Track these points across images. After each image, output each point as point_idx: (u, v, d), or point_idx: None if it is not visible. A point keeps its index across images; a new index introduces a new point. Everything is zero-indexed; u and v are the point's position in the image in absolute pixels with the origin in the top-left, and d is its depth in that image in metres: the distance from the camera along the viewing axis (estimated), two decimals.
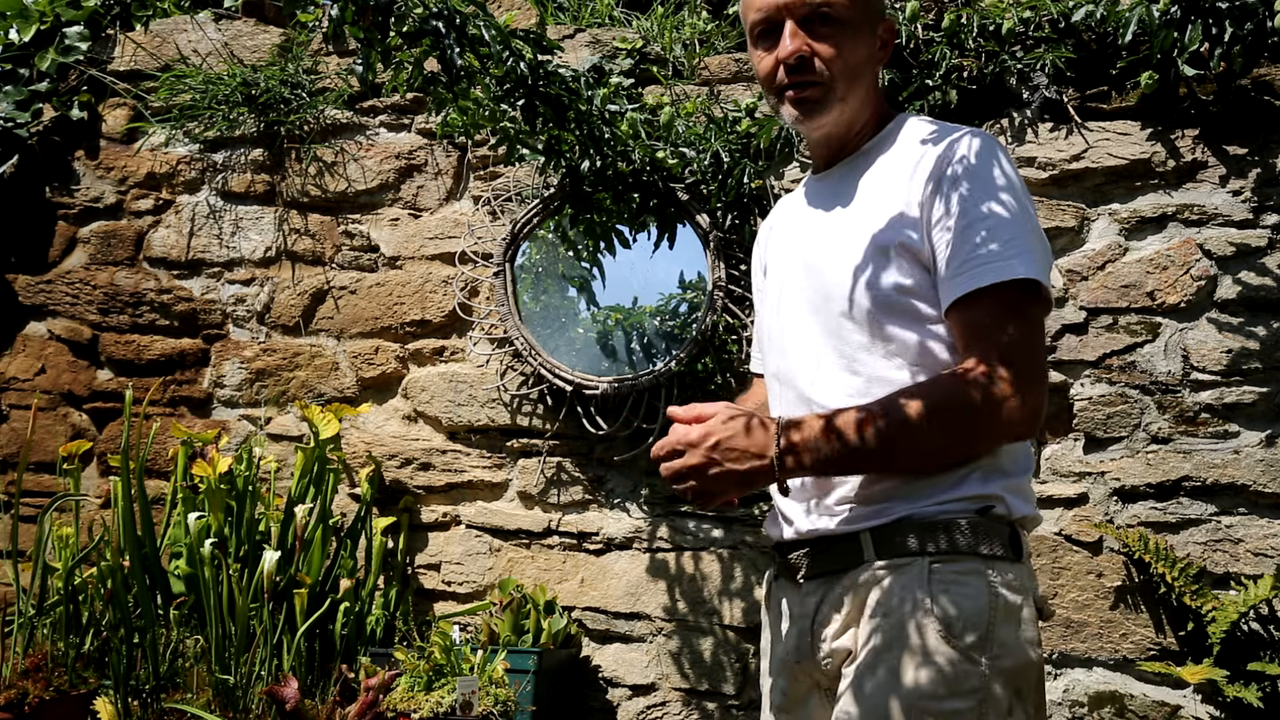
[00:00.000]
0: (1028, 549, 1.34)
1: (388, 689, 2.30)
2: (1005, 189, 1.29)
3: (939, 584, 1.27)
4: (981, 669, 1.24)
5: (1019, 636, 1.27)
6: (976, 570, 1.27)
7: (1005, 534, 1.30)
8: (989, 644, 1.25)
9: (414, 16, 1.99)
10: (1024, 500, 1.33)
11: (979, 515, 1.29)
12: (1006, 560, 1.29)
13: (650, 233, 2.73)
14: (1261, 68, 2.41)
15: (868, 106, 1.46)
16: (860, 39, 1.42)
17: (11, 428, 3.16)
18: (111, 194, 3.22)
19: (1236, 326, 2.38)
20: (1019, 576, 1.30)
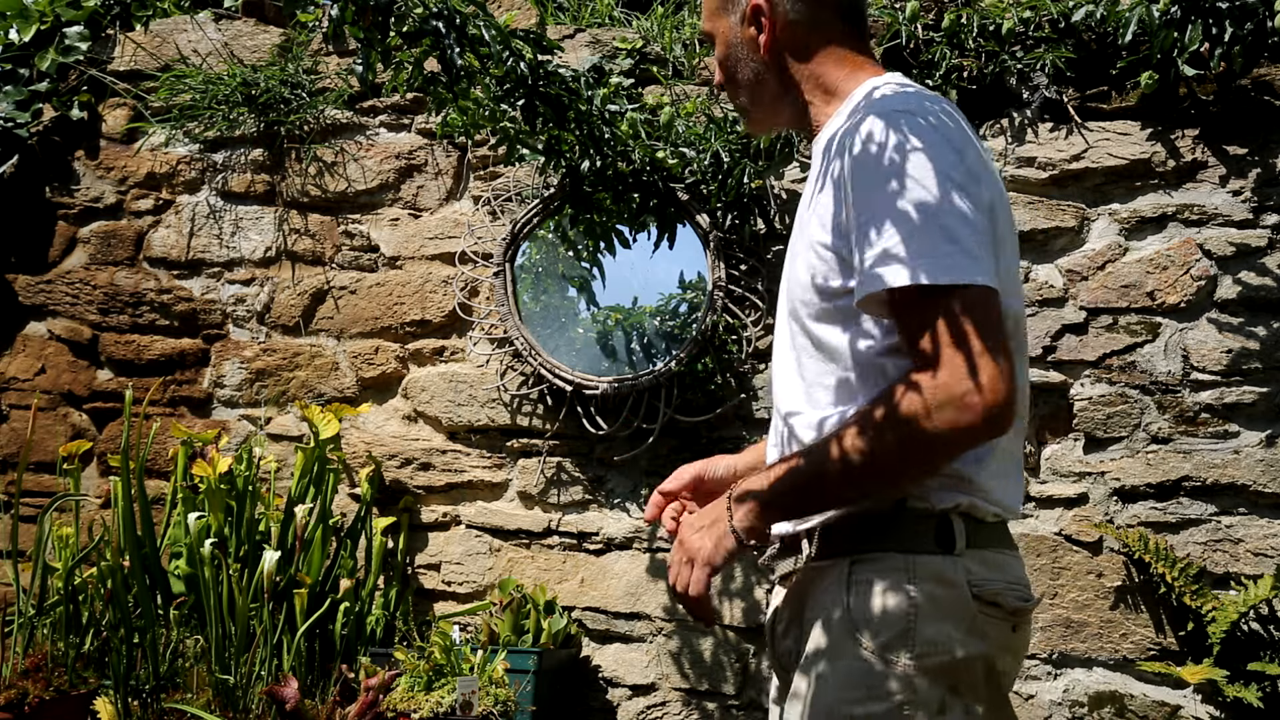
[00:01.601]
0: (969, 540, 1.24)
1: (388, 689, 2.30)
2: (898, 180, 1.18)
3: (856, 583, 1.24)
4: (900, 669, 1.19)
5: (950, 632, 1.20)
6: (894, 567, 1.23)
7: (929, 527, 1.24)
8: (909, 642, 1.19)
9: (414, 16, 1.99)
10: (955, 490, 1.24)
11: (895, 510, 1.25)
12: (932, 554, 1.23)
13: (650, 233, 2.73)
14: (1261, 68, 2.41)
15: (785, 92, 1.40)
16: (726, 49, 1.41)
17: (11, 428, 3.16)
18: (111, 194, 3.22)
19: (1236, 326, 2.38)
20: (950, 569, 1.22)
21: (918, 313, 1.16)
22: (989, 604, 1.23)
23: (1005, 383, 1.12)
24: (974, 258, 1.15)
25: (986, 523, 1.27)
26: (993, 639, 1.23)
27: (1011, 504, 1.30)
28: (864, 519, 1.25)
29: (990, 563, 1.25)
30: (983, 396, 1.11)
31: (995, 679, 1.23)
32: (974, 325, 1.13)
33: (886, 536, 1.25)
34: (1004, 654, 1.25)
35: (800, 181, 2.71)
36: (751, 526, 1.23)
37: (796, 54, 1.39)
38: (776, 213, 2.69)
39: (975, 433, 1.13)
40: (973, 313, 1.13)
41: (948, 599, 1.21)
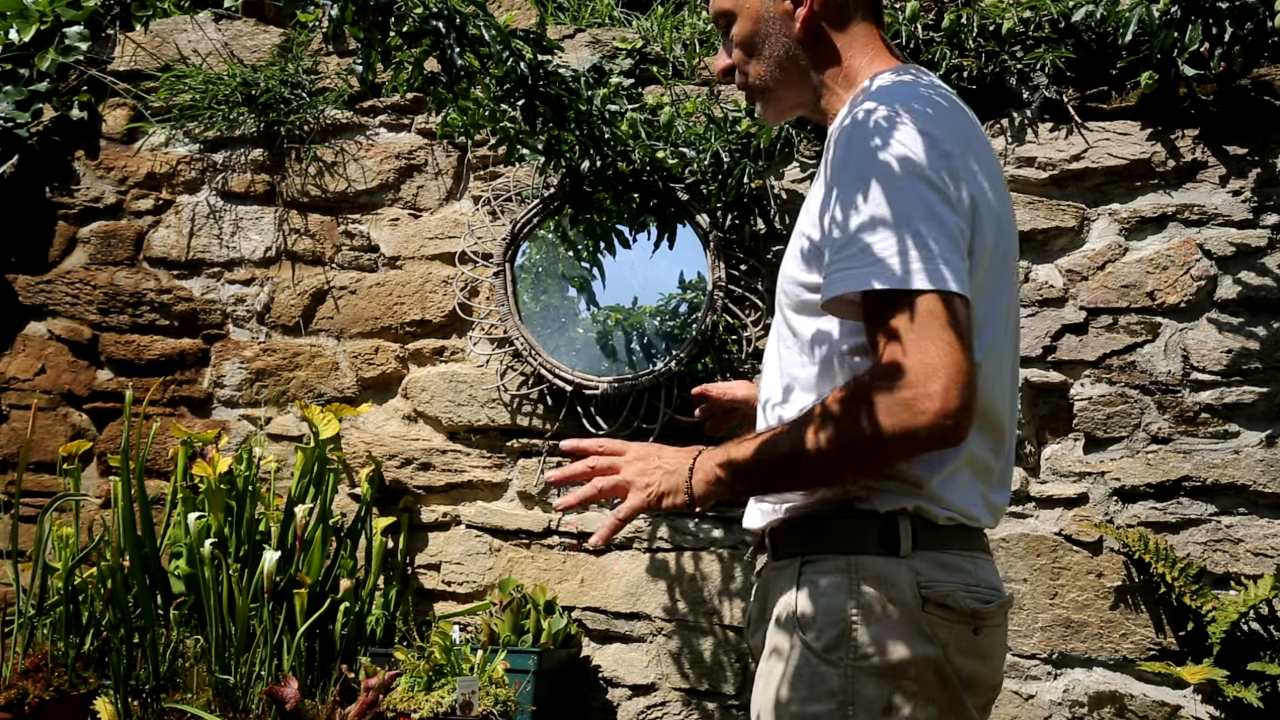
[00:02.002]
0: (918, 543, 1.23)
1: (388, 689, 2.30)
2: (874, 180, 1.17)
3: (804, 584, 1.25)
4: (842, 670, 1.19)
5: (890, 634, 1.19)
6: (838, 568, 1.23)
7: (873, 529, 1.23)
8: (849, 643, 1.20)
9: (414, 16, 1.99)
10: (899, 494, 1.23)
11: (841, 512, 1.25)
12: (876, 555, 1.22)
13: (650, 233, 2.73)
14: (1261, 68, 2.41)
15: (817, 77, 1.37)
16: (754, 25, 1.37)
17: (11, 428, 3.16)
18: (111, 194, 3.22)
19: (1236, 326, 2.38)
20: (893, 571, 1.21)
21: (879, 316, 1.15)
22: (939, 605, 1.22)
23: (961, 391, 1.10)
24: (942, 262, 1.13)
25: (940, 525, 1.25)
26: (945, 641, 1.21)
27: (972, 510, 1.28)
28: (812, 521, 1.27)
29: (945, 565, 1.24)
30: (934, 403, 1.10)
31: (950, 682, 1.21)
32: (935, 331, 1.11)
33: (832, 538, 1.26)
34: (964, 657, 1.23)
35: (800, 182, 2.71)
36: (705, 495, 1.26)
37: (829, 33, 1.37)
38: (776, 213, 2.69)
39: (925, 438, 1.12)
40: (935, 318, 1.11)
41: (895, 600, 1.21)
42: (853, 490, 1.24)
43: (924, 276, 1.12)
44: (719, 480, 1.25)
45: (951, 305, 1.13)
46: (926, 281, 1.12)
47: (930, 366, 1.10)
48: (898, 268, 1.13)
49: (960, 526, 1.28)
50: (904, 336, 1.12)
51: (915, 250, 1.13)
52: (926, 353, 1.11)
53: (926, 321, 1.12)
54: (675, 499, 1.27)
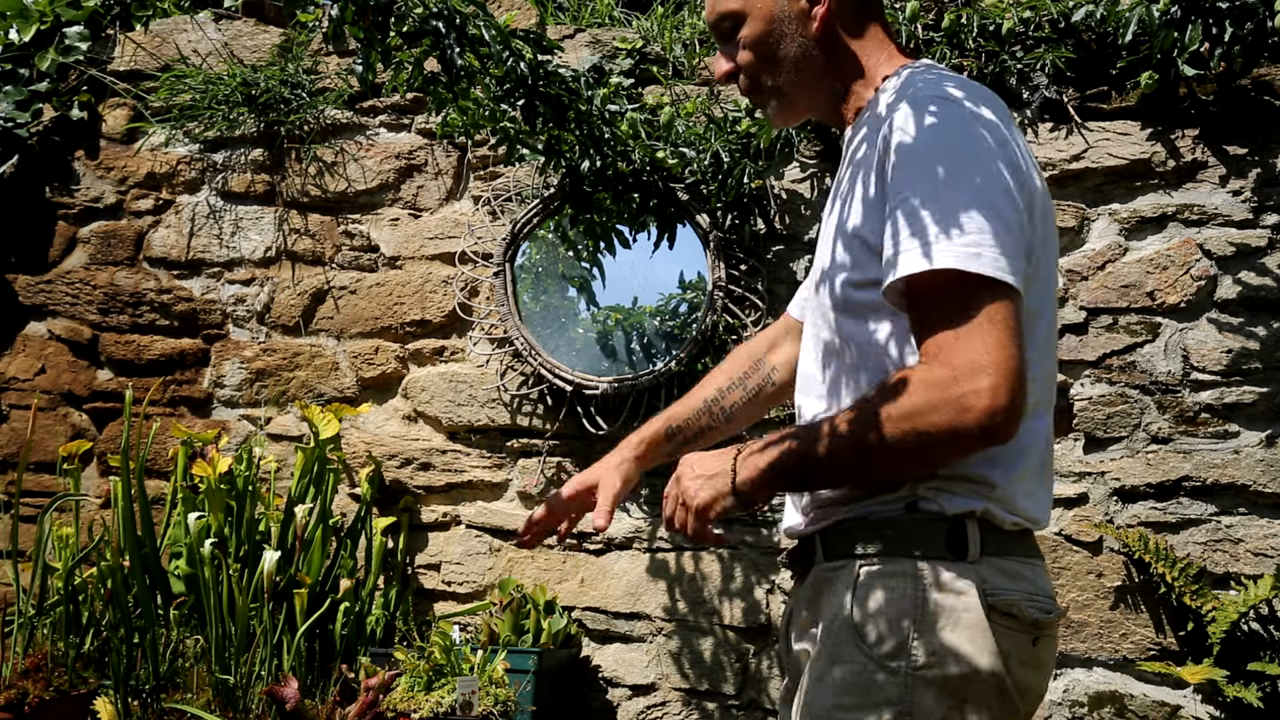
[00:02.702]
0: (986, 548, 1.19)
1: (388, 689, 2.30)
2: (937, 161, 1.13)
3: (862, 588, 1.19)
4: (900, 679, 1.14)
5: (957, 643, 1.15)
6: (903, 572, 1.18)
7: (940, 532, 1.18)
8: (911, 651, 1.15)
9: (414, 16, 1.99)
10: (969, 496, 1.19)
11: (906, 513, 1.20)
12: (943, 560, 1.17)
13: (650, 233, 2.73)
14: (1261, 68, 2.41)
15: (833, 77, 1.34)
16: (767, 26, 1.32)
17: (11, 428, 3.16)
18: (111, 194, 3.22)
19: (1236, 326, 2.38)
20: (961, 577, 1.17)
21: (932, 301, 1.11)
22: (1004, 615, 1.17)
23: (1010, 388, 1.06)
24: (1004, 255, 1.09)
25: (1005, 531, 1.21)
26: (1008, 652, 1.17)
27: (1036, 515, 1.24)
28: (873, 521, 1.22)
29: (1008, 572, 1.20)
30: (982, 400, 1.05)
31: (1009, 694, 1.18)
32: (988, 323, 1.08)
33: (896, 540, 1.20)
34: (1023, 668, 1.19)
35: (800, 182, 2.71)
36: (751, 493, 1.22)
37: (847, 31, 1.33)
38: (776, 213, 2.69)
39: (972, 436, 1.07)
40: (990, 310, 1.08)
41: (957, 608, 1.16)
42: (919, 490, 1.20)
43: (988, 265, 1.08)
44: (763, 477, 1.20)
45: (1009, 300, 1.09)
46: (990, 269, 1.08)
47: (981, 362, 1.06)
48: (959, 250, 1.08)
49: (1024, 531, 1.24)
50: (957, 327, 1.08)
51: (981, 237, 1.09)
52: (975, 346, 1.07)
53: (982, 313, 1.08)
54: (723, 503, 1.23)
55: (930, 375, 1.09)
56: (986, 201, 1.11)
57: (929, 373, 1.09)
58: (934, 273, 1.09)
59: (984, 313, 1.08)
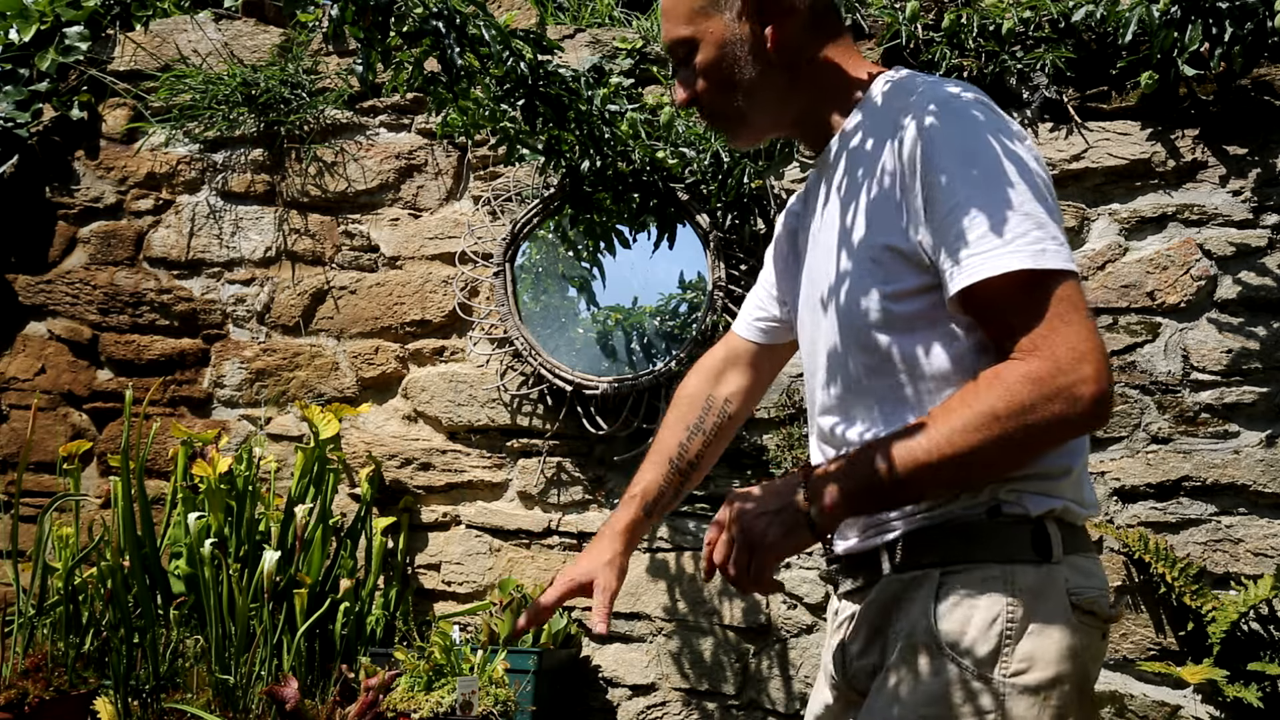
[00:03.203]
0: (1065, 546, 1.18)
1: (388, 689, 2.30)
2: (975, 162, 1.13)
3: (947, 596, 1.16)
4: (995, 687, 1.12)
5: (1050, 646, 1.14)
6: (990, 578, 1.15)
7: (1025, 534, 1.16)
8: (1005, 658, 1.13)
9: (414, 16, 1.99)
10: (1048, 495, 1.17)
11: (988, 518, 1.17)
12: (1029, 563, 1.16)
13: (650, 233, 2.73)
14: (1261, 68, 2.41)
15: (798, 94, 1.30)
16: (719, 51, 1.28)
17: (11, 428, 3.16)
18: (111, 194, 3.22)
19: (1236, 326, 2.38)
20: (1049, 579, 1.16)
21: (1012, 302, 1.11)
22: (1086, 613, 1.17)
23: (1107, 373, 1.08)
24: (1061, 243, 1.11)
25: (1077, 527, 1.21)
26: (1088, 648, 1.17)
27: (1095, 504, 1.26)
28: (954, 527, 1.19)
29: (1083, 569, 1.20)
30: (1090, 387, 1.07)
31: (1089, 695, 1.18)
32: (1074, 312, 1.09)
33: (981, 545, 1.17)
34: (1095, 663, 1.20)
35: (800, 182, 2.70)
36: (834, 518, 1.15)
37: (807, 46, 1.29)
38: (776, 213, 2.69)
39: (1082, 423, 1.08)
40: (1070, 300, 1.09)
41: (1049, 611, 1.15)
42: (1000, 493, 1.17)
43: (1056, 258, 1.10)
44: (848, 500, 1.14)
45: (1077, 285, 1.11)
46: (1060, 262, 1.10)
47: (1080, 351, 1.07)
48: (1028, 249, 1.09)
49: (1083, 525, 1.24)
50: (1051, 320, 1.09)
51: (1042, 232, 1.10)
52: (1070, 336, 1.08)
53: (1067, 304, 1.09)
54: (798, 538, 1.15)
55: (1034, 370, 1.08)
56: (1032, 195, 1.12)
57: (1031, 367, 1.08)
58: (1008, 275, 1.10)
59: (1065, 303, 1.09)
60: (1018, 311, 1.11)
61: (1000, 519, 1.17)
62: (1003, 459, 1.12)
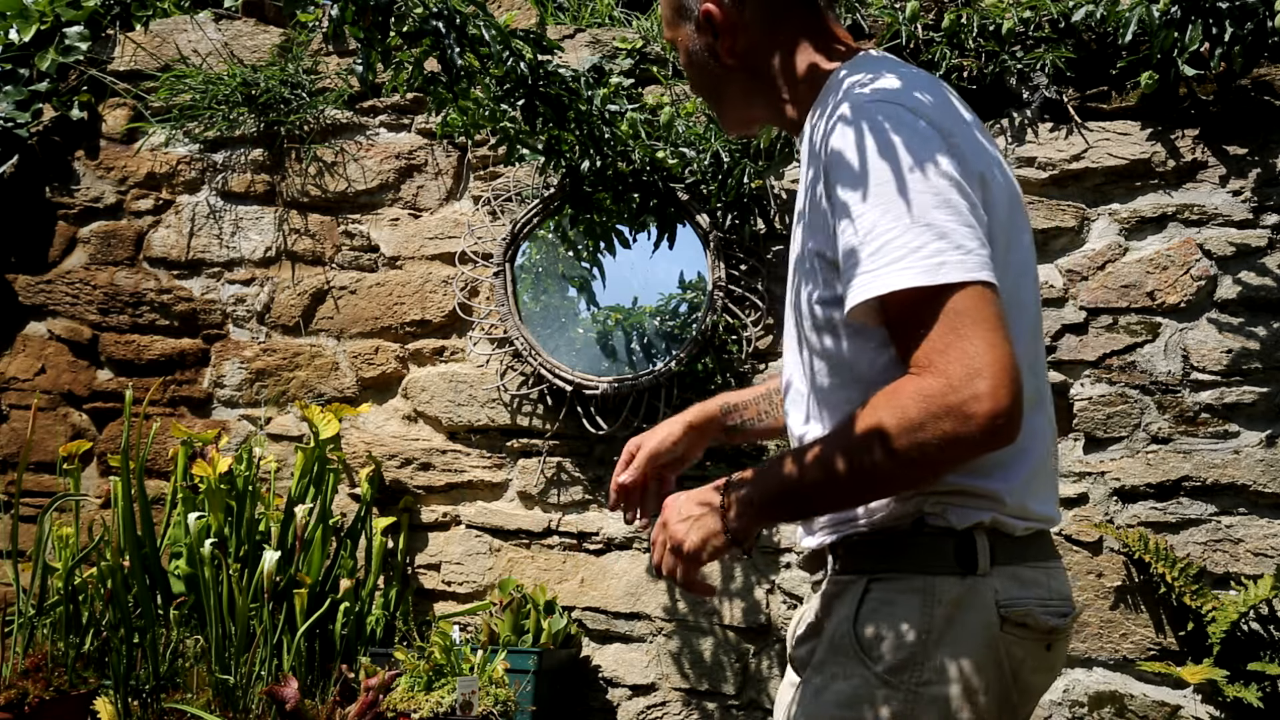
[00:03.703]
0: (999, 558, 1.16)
1: (388, 689, 2.30)
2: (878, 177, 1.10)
3: (870, 603, 1.17)
4: (904, 694, 1.12)
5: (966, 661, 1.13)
6: (912, 589, 1.15)
7: (950, 546, 1.16)
8: (916, 668, 1.13)
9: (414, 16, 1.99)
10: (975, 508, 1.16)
11: (913, 529, 1.17)
12: (952, 575, 1.15)
13: (650, 233, 2.73)
14: (1261, 68, 2.41)
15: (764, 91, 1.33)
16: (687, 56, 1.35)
17: (11, 428, 3.16)
18: (111, 194, 3.22)
19: (1236, 326, 2.38)
20: (973, 592, 1.15)
21: (909, 317, 1.08)
22: (1017, 625, 1.16)
23: (1009, 387, 1.03)
24: (967, 252, 1.06)
25: (1017, 537, 1.19)
26: (1021, 660, 1.16)
27: (1046, 512, 1.22)
28: (883, 538, 1.19)
29: (1022, 579, 1.18)
30: (983, 404, 1.02)
31: (1010, 706, 1.16)
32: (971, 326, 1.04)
33: (906, 556, 1.18)
34: (1035, 673, 1.19)
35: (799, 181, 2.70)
36: (746, 529, 1.17)
37: (761, 52, 1.31)
38: (776, 213, 2.69)
39: (978, 443, 1.04)
40: (970, 313, 1.04)
41: (969, 623, 1.14)
42: (925, 505, 1.17)
43: (953, 269, 1.05)
44: (760, 510, 1.16)
45: (985, 296, 1.06)
46: (957, 274, 1.05)
47: (973, 366, 1.03)
48: (921, 264, 1.05)
49: (1037, 534, 1.22)
50: (941, 336, 1.05)
51: (939, 242, 1.06)
52: (967, 352, 1.04)
53: (962, 317, 1.05)
54: (715, 544, 1.19)
55: (925, 386, 1.05)
56: (935, 203, 1.08)
57: (923, 384, 1.05)
58: (898, 293, 1.06)
59: (964, 317, 1.05)
60: (913, 327, 1.07)
61: (925, 531, 1.17)
62: (899, 476, 1.10)
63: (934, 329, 1.05)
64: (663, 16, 1.39)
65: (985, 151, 1.19)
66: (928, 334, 1.06)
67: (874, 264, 1.07)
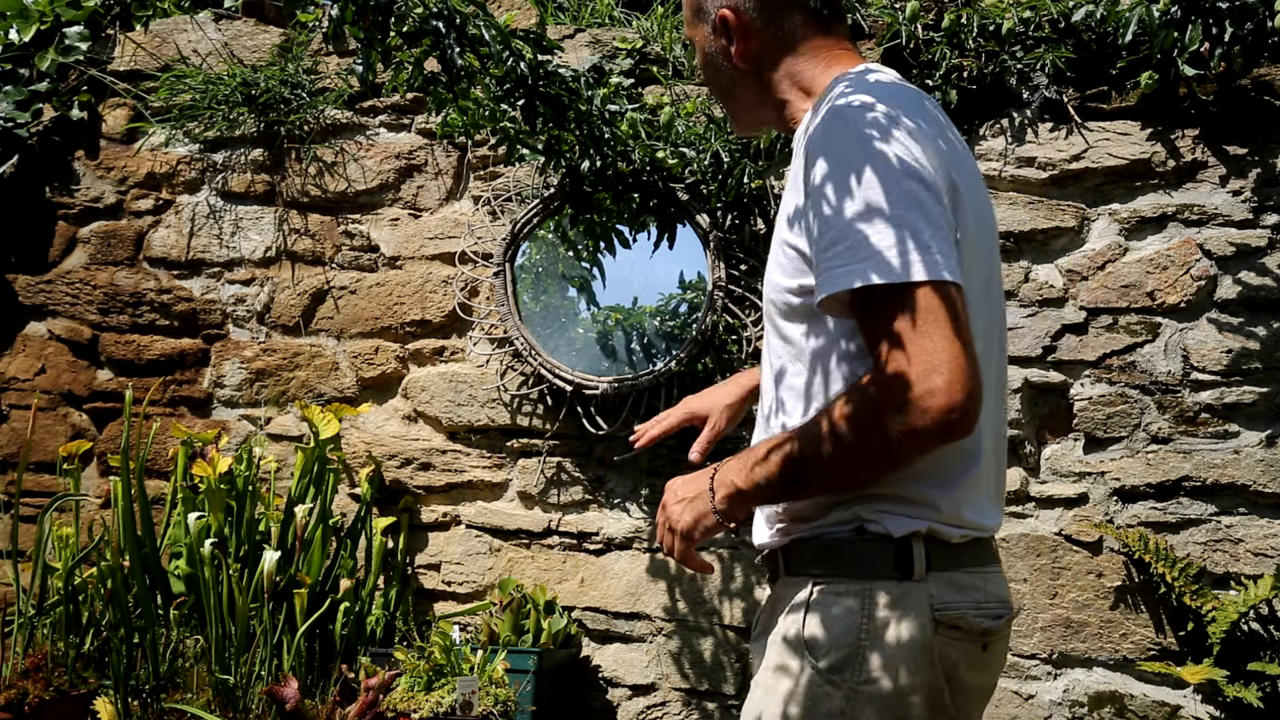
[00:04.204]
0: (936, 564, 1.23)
1: (388, 689, 2.30)
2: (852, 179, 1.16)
3: (815, 606, 1.24)
4: (845, 692, 1.20)
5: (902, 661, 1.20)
6: (852, 592, 1.22)
7: (889, 552, 1.22)
8: (856, 667, 1.20)
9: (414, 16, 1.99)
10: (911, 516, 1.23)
11: (855, 536, 1.24)
12: (890, 580, 1.22)
13: (650, 233, 2.73)
14: (1261, 68, 2.41)
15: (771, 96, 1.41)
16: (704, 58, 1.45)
17: (11, 428, 3.16)
18: (111, 194, 3.22)
19: (1236, 326, 2.38)
20: (910, 596, 1.21)
21: (874, 312, 1.14)
22: (951, 627, 1.22)
23: (965, 383, 1.09)
24: (934, 252, 1.12)
25: (953, 544, 1.25)
26: (956, 661, 1.23)
27: (983, 521, 1.28)
28: (825, 543, 1.27)
29: (958, 584, 1.25)
30: (939, 399, 1.09)
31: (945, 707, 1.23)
32: (932, 323, 1.10)
33: (845, 562, 1.25)
34: (972, 671, 1.26)
35: None
36: (730, 510, 1.28)
37: (770, 58, 1.40)
38: (776, 213, 2.69)
39: (934, 434, 1.11)
40: (930, 310, 1.10)
41: (905, 625, 1.21)
42: (864, 513, 1.24)
43: (918, 268, 1.11)
44: (741, 494, 1.26)
45: (948, 295, 1.11)
46: (921, 273, 1.11)
47: (932, 362, 1.09)
48: (891, 261, 1.11)
49: (973, 540, 1.28)
50: (903, 332, 1.11)
51: (907, 241, 1.12)
52: (926, 348, 1.10)
53: (924, 314, 1.10)
54: (706, 523, 1.29)
55: (885, 380, 1.12)
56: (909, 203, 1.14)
57: (883, 378, 1.12)
58: (862, 289, 1.13)
59: (924, 314, 1.11)
60: (878, 320, 1.14)
61: (866, 538, 1.24)
62: (866, 465, 1.18)
63: (897, 323, 1.12)
64: (686, 15, 1.48)
65: (961, 163, 1.26)
66: (887, 330, 1.12)
67: (846, 259, 1.14)
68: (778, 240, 1.31)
